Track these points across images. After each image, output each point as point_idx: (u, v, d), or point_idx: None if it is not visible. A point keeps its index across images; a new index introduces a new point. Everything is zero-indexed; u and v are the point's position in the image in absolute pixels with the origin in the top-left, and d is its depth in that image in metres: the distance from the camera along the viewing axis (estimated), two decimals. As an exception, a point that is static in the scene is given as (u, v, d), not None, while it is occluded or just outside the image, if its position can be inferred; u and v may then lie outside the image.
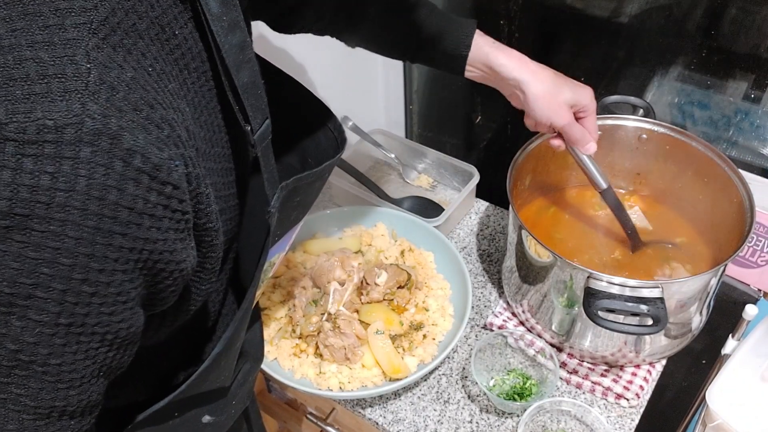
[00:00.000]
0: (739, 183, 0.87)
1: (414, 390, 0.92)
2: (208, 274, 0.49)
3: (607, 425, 0.81)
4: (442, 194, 1.22)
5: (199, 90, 0.45)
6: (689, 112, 1.11)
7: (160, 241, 0.40)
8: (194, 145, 0.43)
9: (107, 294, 0.38)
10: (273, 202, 0.50)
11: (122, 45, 0.38)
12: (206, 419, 0.66)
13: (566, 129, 0.81)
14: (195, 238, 0.44)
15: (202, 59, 0.44)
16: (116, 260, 0.38)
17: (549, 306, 0.88)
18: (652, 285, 0.75)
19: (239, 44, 0.44)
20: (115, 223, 0.37)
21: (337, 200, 1.21)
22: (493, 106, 1.39)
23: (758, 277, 0.99)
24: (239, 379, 0.70)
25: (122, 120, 0.36)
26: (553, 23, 1.20)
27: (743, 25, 0.97)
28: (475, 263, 1.09)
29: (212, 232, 0.45)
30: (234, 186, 0.51)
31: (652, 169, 1.00)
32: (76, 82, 0.35)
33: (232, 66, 0.44)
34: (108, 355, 0.42)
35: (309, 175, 0.54)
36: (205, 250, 0.46)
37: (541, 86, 0.80)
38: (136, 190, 0.37)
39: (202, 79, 0.45)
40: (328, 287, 0.93)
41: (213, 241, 0.46)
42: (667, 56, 1.08)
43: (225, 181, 0.50)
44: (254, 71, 0.46)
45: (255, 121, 0.47)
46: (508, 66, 0.80)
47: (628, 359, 0.88)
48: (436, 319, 0.94)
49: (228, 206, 0.51)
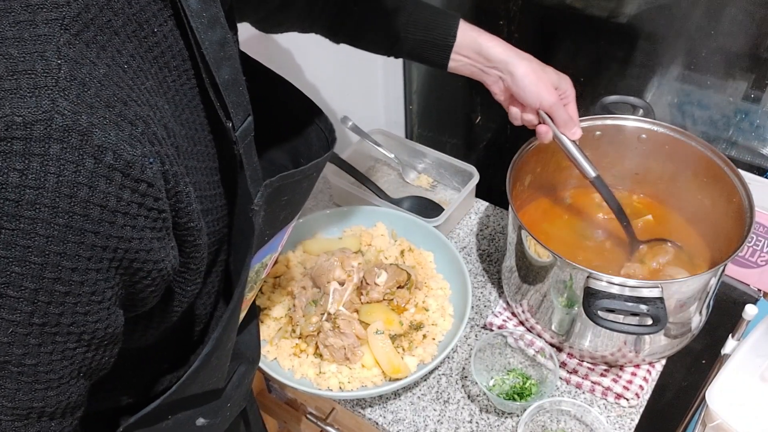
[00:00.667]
0: (738, 183, 0.87)
1: (414, 390, 0.92)
2: (193, 275, 0.48)
3: (606, 425, 0.81)
4: (441, 194, 1.22)
5: (181, 88, 0.45)
6: (689, 112, 1.11)
7: (136, 240, 0.39)
8: (174, 143, 0.43)
9: (81, 293, 0.38)
10: (257, 199, 0.50)
11: (96, 41, 0.38)
12: (200, 422, 0.65)
13: (555, 108, 0.82)
14: (177, 238, 0.44)
15: (184, 57, 0.44)
16: (89, 259, 0.37)
17: (549, 306, 0.88)
18: (651, 285, 0.75)
19: (219, 41, 0.44)
20: (87, 221, 0.36)
21: (337, 200, 1.21)
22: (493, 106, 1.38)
23: (758, 277, 0.99)
24: (234, 381, 0.70)
25: (93, 117, 0.36)
26: (553, 23, 1.20)
27: (743, 25, 0.97)
28: (474, 263, 1.09)
29: (194, 231, 0.45)
30: (220, 186, 0.51)
31: (652, 169, 1.00)
32: (46, 78, 0.34)
33: (212, 63, 0.44)
34: (86, 355, 0.41)
35: (294, 173, 0.53)
36: (188, 250, 0.46)
37: (529, 65, 0.81)
38: (108, 188, 0.36)
39: (183, 77, 0.45)
40: (328, 287, 0.93)
41: (196, 240, 0.46)
42: (666, 56, 1.08)
43: (209, 180, 0.49)
44: (235, 68, 0.46)
45: (236, 118, 0.47)
46: (497, 48, 0.82)
47: (627, 359, 0.88)
48: (435, 319, 0.94)
49: (214, 206, 0.50)
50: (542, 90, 0.81)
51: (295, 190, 0.57)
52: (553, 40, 1.22)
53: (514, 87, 0.82)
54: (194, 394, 0.61)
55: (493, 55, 0.82)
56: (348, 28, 0.83)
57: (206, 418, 0.66)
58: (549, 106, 0.82)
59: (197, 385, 0.60)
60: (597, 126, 0.97)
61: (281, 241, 0.64)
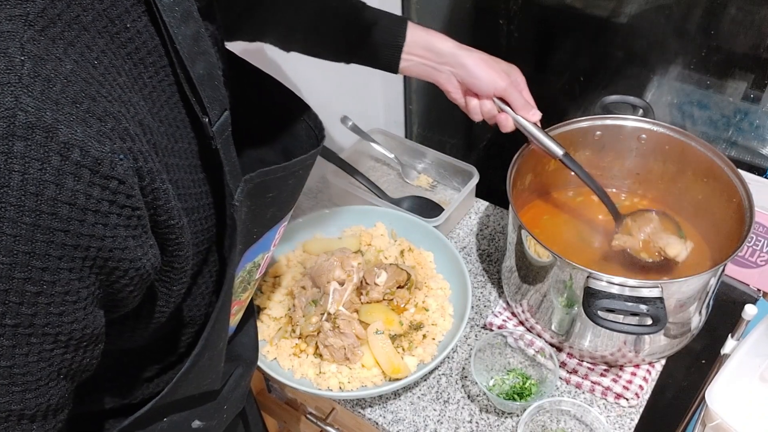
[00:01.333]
0: (738, 183, 0.87)
1: (414, 390, 0.92)
2: (178, 275, 0.48)
3: (606, 425, 0.81)
4: (441, 194, 1.22)
5: (158, 84, 0.44)
6: (689, 112, 1.11)
7: (109, 238, 0.38)
8: (150, 140, 0.42)
9: (54, 293, 0.37)
10: (237, 195, 0.49)
11: (63, 37, 0.37)
12: (196, 424, 0.65)
13: (509, 92, 0.84)
14: (158, 236, 0.43)
15: (160, 53, 0.44)
16: (60, 258, 0.37)
17: (549, 306, 0.88)
18: (651, 285, 0.75)
19: (193, 35, 0.44)
20: (56, 219, 0.36)
21: (337, 200, 1.21)
22: (493, 106, 1.39)
23: (757, 276, 0.99)
24: (231, 383, 0.69)
25: (59, 113, 0.35)
26: (553, 23, 1.20)
27: (743, 25, 0.97)
28: (474, 263, 1.09)
29: (176, 229, 0.44)
30: (205, 183, 0.50)
31: (652, 169, 1.00)
32: (9, 75, 0.34)
33: (186, 57, 0.44)
34: (65, 357, 0.40)
35: (276, 169, 0.53)
36: (171, 248, 0.45)
37: (478, 55, 0.84)
38: (76, 185, 0.36)
39: (161, 74, 0.44)
40: (328, 287, 0.93)
41: (178, 239, 0.45)
42: (666, 56, 1.08)
43: (193, 178, 0.48)
44: (210, 62, 0.46)
45: (213, 113, 0.46)
46: (446, 43, 0.83)
47: (627, 359, 0.88)
48: (435, 319, 0.94)
49: (199, 204, 0.50)
50: (495, 76, 0.83)
51: (280, 187, 0.56)
52: (553, 40, 1.22)
53: (468, 78, 0.84)
54: (189, 395, 0.61)
55: (444, 49, 0.83)
56: (299, 35, 0.84)
57: (202, 420, 0.66)
58: (503, 90, 0.84)
59: (191, 387, 0.59)
60: (597, 126, 0.97)
61: (273, 240, 0.63)
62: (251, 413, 0.90)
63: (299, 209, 1.21)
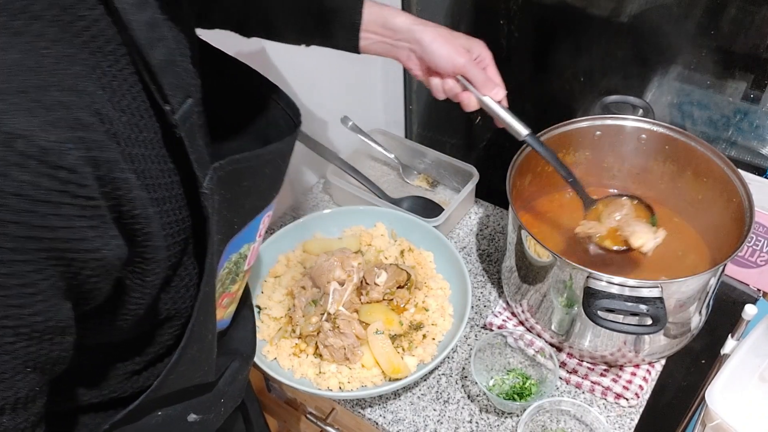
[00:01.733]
0: (738, 183, 0.87)
1: (414, 390, 0.92)
2: (150, 265, 0.47)
3: (606, 425, 0.81)
4: (441, 194, 1.22)
5: (118, 73, 0.43)
6: (689, 112, 1.11)
7: (64, 229, 0.38)
8: (109, 130, 0.42)
9: (10, 286, 0.37)
10: (206, 183, 0.49)
11: (7, 27, 0.37)
12: (192, 417, 0.65)
13: (469, 68, 0.80)
14: (123, 227, 0.43)
15: (119, 42, 0.43)
16: (13, 250, 0.36)
17: (548, 306, 0.88)
18: (651, 285, 0.75)
19: (149, 22, 0.43)
20: (5, 211, 0.35)
21: (336, 200, 1.21)
22: (493, 106, 1.39)
23: (757, 276, 0.99)
24: (227, 377, 0.69)
25: (2, 103, 0.35)
26: (553, 23, 1.20)
27: (743, 25, 0.97)
28: (474, 263, 1.09)
29: (141, 219, 0.44)
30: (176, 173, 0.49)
31: (652, 169, 1.00)
32: None
33: (143, 44, 0.43)
34: (29, 350, 0.40)
35: (249, 156, 0.52)
36: (139, 239, 0.45)
37: (435, 30, 0.80)
38: (22, 176, 0.35)
39: (121, 62, 0.44)
40: (328, 287, 0.93)
41: (145, 229, 0.44)
42: (666, 56, 1.08)
43: (162, 168, 0.48)
44: (171, 49, 0.45)
45: (175, 100, 0.46)
46: (401, 18, 0.80)
47: (627, 359, 0.88)
48: (435, 319, 0.94)
49: (171, 194, 0.49)
50: (452, 52, 0.79)
51: (256, 175, 0.55)
52: (553, 39, 1.22)
53: (425, 55, 0.80)
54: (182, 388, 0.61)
55: (398, 24, 0.80)
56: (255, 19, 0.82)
57: (198, 413, 0.66)
58: (462, 66, 0.80)
59: (182, 380, 0.59)
60: (597, 126, 0.97)
61: (258, 231, 0.63)
62: (252, 409, 0.90)
63: (299, 209, 1.21)
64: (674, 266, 0.94)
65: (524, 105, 1.32)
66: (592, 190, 1.05)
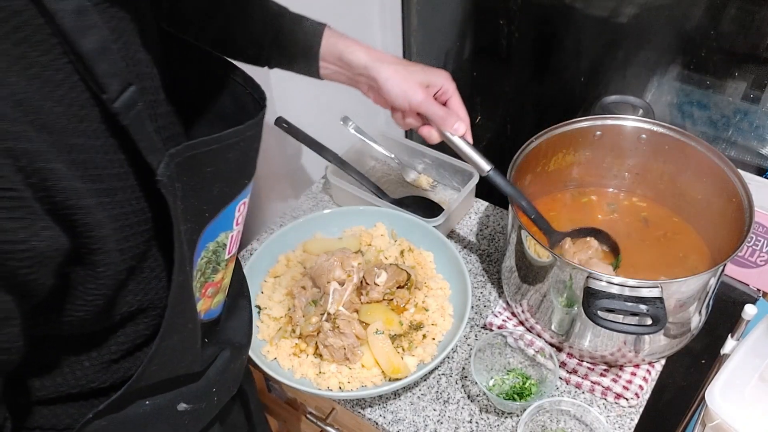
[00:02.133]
0: (738, 183, 0.87)
1: (414, 390, 0.92)
2: (100, 256, 0.47)
3: (606, 425, 0.81)
4: (441, 194, 1.22)
5: (51, 63, 0.43)
6: (688, 112, 1.11)
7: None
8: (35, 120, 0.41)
9: None
10: (160, 170, 0.48)
11: None
12: (182, 407, 0.65)
13: (425, 106, 0.80)
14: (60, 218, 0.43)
15: (48, 32, 0.43)
16: None
17: (548, 306, 0.88)
18: (651, 285, 0.75)
19: (75, 9, 0.43)
20: None
21: (337, 200, 1.22)
22: (493, 106, 1.39)
23: (757, 276, 0.99)
24: (218, 366, 0.69)
25: None
26: (553, 23, 1.20)
27: (743, 25, 0.97)
28: (474, 263, 1.09)
29: (78, 210, 0.44)
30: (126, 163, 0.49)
31: (652, 169, 1.00)
32: None
33: (70, 32, 0.43)
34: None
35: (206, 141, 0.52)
36: (79, 229, 0.45)
37: (392, 67, 0.80)
38: None
39: (53, 52, 0.43)
40: (328, 287, 0.93)
41: (85, 219, 0.44)
42: (666, 56, 1.08)
43: (109, 158, 0.47)
44: (103, 36, 0.44)
45: (112, 88, 0.45)
46: (357, 54, 0.80)
47: (627, 359, 0.88)
48: (435, 319, 0.94)
49: (123, 185, 0.49)
50: (408, 90, 0.79)
51: (218, 161, 0.55)
52: (553, 40, 1.22)
53: (382, 92, 0.81)
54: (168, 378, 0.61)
55: (354, 61, 0.80)
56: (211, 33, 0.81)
57: (188, 402, 0.65)
58: (418, 105, 0.80)
59: (164, 371, 0.59)
60: (597, 126, 0.98)
61: (235, 219, 0.62)
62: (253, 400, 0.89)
63: (299, 209, 1.21)
64: (674, 266, 0.94)
65: (524, 105, 1.32)
66: (592, 190, 1.05)
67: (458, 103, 0.84)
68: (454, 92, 0.84)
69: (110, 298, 0.51)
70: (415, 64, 0.82)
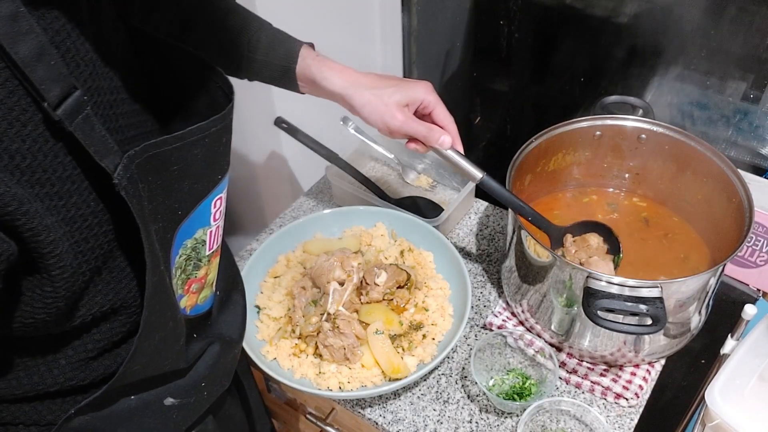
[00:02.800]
0: (738, 183, 0.87)
1: (413, 390, 0.92)
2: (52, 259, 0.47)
3: (606, 425, 0.81)
4: (441, 194, 1.22)
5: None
6: (689, 112, 1.11)
7: None
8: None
9: None
10: (117, 173, 0.48)
11: None
12: (169, 401, 0.65)
13: (405, 128, 0.79)
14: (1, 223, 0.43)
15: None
16: None
17: (548, 306, 0.88)
18: (651, 285, 0.75)
19: (10, 15, 0.42)
20: None
21: (337, 200, 1.22)
22: (493, 106, 1.39)
23: (757, 276, 0.99)
24: (207, 360, 0.69)
25: None
26: (553, 23, 1.20)
27: (743, 25, 0.97)
28: (474, 263, 1.09)
29: (20, 215, 0.44)
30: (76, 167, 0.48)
31: (652, 169, 1.00)
32: None
33: (4, 38, 0.42)
34: None
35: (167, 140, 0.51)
36: (25, 234, 0.45)
37: (366, 93, 0.79)
38: None
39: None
40: (328, 287, 0.93)
41: (28, 224, 0.44)
42: (666, 56, 1.08)
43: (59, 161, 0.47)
44: (39, 42, 0.44)
45: (51, 94, 0.45)
46: (332, 80, 0.79)
47: (627, 359, 0.88)
48: (435, 319, 0.94)
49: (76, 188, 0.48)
50: (385, 115, 0.79)
51: (184, 158, 0.54)
52: (553, 40, 1.22)
53: (361, 117, 0.80)
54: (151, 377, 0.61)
55: (328, 87, 0.79)
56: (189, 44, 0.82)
57: (176, 397, 0.65)
58: (398, 129, 0.79)
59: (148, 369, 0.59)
60: (597, 126, 0.98)
61: (212, 214, 0.62)
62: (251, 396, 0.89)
63: (299, 209, 1.21)
64: (674, 266, 0.94)
65: (524, 105, 1.32)
66: (593, 190, 1.05)
67: (442, 114, 0.83)
68: (437, 103, 0.82)
69: (72, 300, 0.51)
70: (393, 82, 0.80)
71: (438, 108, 0.82)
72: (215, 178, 0.60)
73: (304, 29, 1.07)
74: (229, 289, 0.76)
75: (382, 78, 0.80)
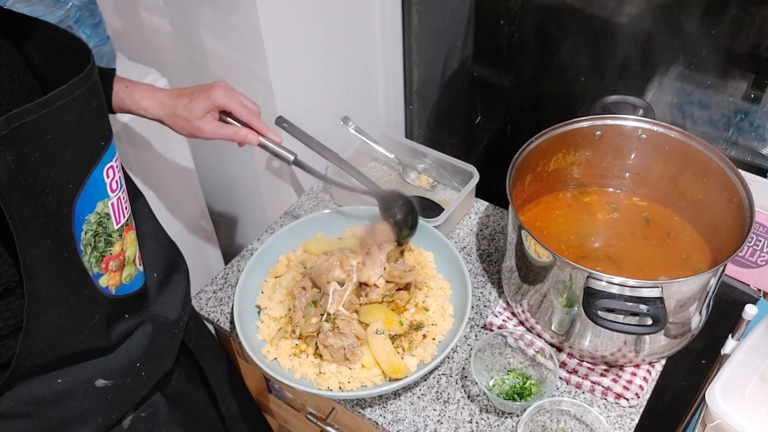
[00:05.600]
0: (738, 183, 0.87)
1: (414, 390, 0.92)
2: None
3: (606, 425, 0.81)
4: (441, 194, 1.22)
5: None
6: (689, 112, 1.11)
7: None
8: None
9: None
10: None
11: None
12: (101, 383, 0.64)
13: (215, 138, 0.83)
14: None
15: None
16: None
17: (549, 306, 0.88)
18: (651, 285, 0.75)
19: None
20: None
21: (337, 200, 1.21)
22: (493, 107, 1.39)
23: (758, 276, 0.99)
24: (138, 340, 0.68)
25: None
26: (553, 23, 1.20)
27: (743, 25, 0.97)
28: (474, 263, 1.09)
29: None
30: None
31: (652, 169, 1.00)
32: None
33: None
34: None
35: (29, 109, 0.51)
36: None
37: (172, 115, 0.82)
38: None
39: None
40: (328, 287, 0.93)
41: None
42: (666, 56, 1.08)
43: None
44: None
45: None
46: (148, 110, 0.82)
47: (627, 359, 0.88)
48: (435, 319, 0.94)
49: None
50: (193, 132, 0.83)
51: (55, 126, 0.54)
52: (554, 40, 1.22)
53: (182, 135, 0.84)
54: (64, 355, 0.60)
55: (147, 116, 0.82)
56: None
57: (107, 378, 0.65)
58: (210, 138, 0.84)
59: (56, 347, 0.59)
60: (597, 126, 0.98)
61: (107, 185, 0.61)
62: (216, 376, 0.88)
63: (299, 209, 1.21)
64: (674, 266, 0.94)
65: (524, 105, 1.32)
66: (593, 190, 1.05)
67: (240, 112, 0.85)
68: (234, 104, 0.85)
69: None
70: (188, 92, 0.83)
71: (235, 108, 0.85)
72: (98, 145, 0.59)
73: (304, 29, 1.07)
74: (169, 270, 0.76)
75: (181, 94, 0.83)
